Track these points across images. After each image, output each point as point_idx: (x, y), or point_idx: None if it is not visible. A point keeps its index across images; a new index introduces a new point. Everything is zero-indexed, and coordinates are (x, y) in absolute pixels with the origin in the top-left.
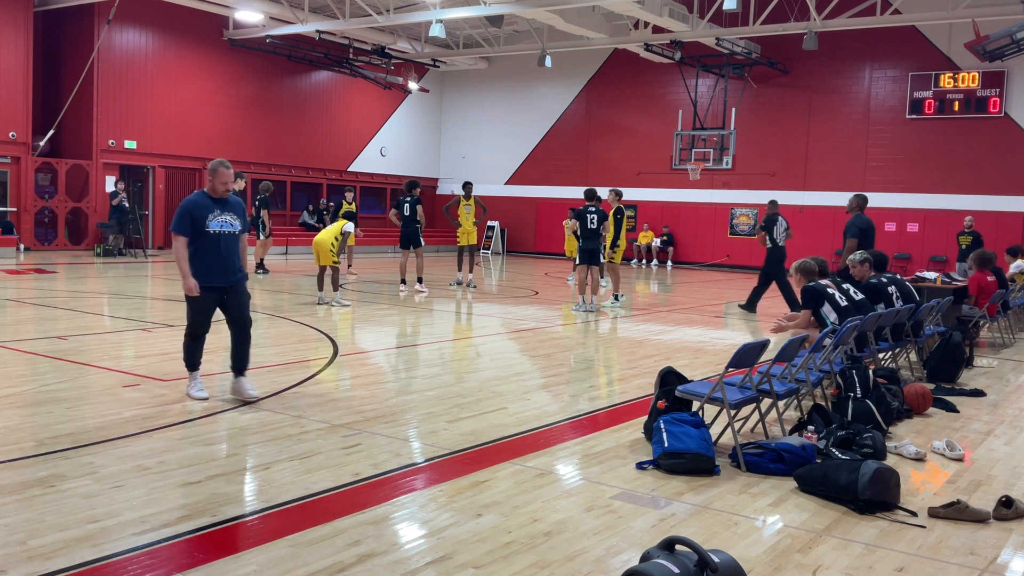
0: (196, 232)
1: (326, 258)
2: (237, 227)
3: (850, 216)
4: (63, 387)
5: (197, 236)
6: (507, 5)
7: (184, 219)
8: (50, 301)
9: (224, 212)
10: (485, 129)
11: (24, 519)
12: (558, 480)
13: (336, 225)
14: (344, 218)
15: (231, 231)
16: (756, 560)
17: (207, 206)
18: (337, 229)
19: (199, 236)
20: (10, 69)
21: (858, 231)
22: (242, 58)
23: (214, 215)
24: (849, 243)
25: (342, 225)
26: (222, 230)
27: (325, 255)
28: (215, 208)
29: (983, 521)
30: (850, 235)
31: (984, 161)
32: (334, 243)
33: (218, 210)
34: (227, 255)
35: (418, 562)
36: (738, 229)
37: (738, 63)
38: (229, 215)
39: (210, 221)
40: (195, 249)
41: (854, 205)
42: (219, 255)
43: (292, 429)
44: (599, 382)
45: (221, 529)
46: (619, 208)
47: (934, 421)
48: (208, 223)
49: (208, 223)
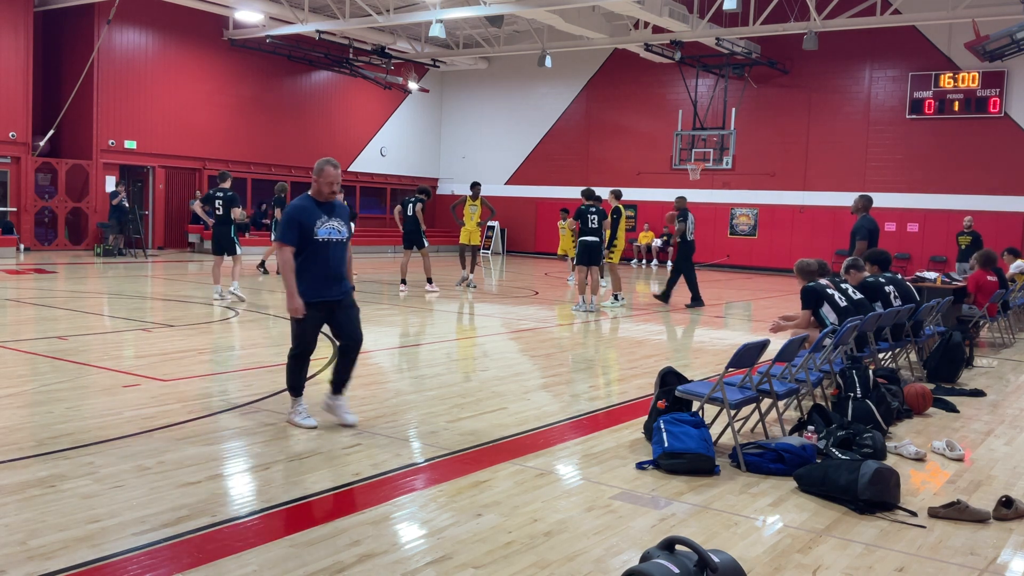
0: (303, 241)
1: None
2: (345, 234)
3: (856, 218)
4: (63, 387)
5: (304, 245)
6: (507, 5)
7: (291, 227)
8: (50, 301)
9: (332, 218)
10: (485, 129)
11: (24, 519)
12: (558, 480)
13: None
14: None
15: (339, 239)
16: (756, 560)
17: (314, 211)
18: None
19: (306, 245)
20: (10, 69)
21: (867, 233)
22: (242, 58)
23: (322, 221)
24: (859, 245)
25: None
26: (330, 238)
27: None
28: (322, 214)
29: (983, 521)
30: (860, 237)
31: (984, 161)
32: None
33: (325, 215)
34: (336, 265)
35: (418, 562)
36: (738, 229)
37: (738, 63)
38: (336, 221)
39: (318, 228)
40: (302, 260)
41: (860, 206)
42: (328, 266)
43: (292, 429)
44: (599, 382)
45: (221, 529)
46: (617, 208)
47: (934, 421)
48: (316, 230)
49: (316, 230)
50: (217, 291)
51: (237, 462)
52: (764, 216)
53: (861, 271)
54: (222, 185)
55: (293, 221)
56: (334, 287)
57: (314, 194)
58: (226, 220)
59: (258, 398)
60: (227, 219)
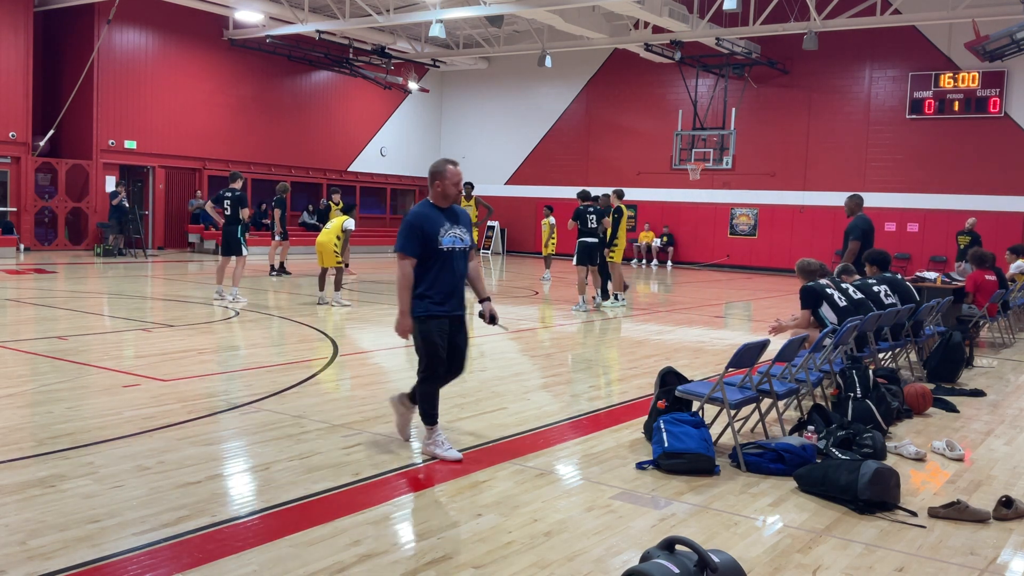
0: (427, 251)
1: (330, 259)
2: (468, 242)
3: (851, 219)
4: (63, 387)
5: (427, 256)
6: (507, 5)
7: (412, 236)
8: (50, 301)
9: (455, 225)
10: (485, 129)
11: (24, 519)
12: (558, 480)
13: (336, 224)
14: (343, 213)
15: (463, 247)
16: (756, 560)
17: (437, 218)
18: (337, 228)
19: (429, 255)
20: (10, 69)
21: (861, 233)
22: (242, 58)
23: (445, 229)
24: (852, 246)
25: (342, 222)
26: (455, 247)
27: (329, 256)
28: (445, 220)
29: (983, 521)
30: (853, 237)
31: (984, 161)
32: (336, 243)
33: (448, 223)
34: (461, 277)
35: (418, 562)
36: (738, 229)
37: (738, 63)
38: (459, 228)
39: (442, 236)
40: (423, 271)
41: (853, 207)
42: (454, 277)
43: (292, 429)
44: (599, 382)
45: (221, 529)
46: (619, 207)
47: (934, 421)
48: (440, 239)
49: (440, 239)
50: (218, 291)
51: (237, 462)
52: (764, 216)
53: (852, 275)
54: (232, 185)
55: (415, 229)
56: (458, 301)
57: (436, 199)
58: (235, 220)
59: (258, 398)
60: (236, 219)
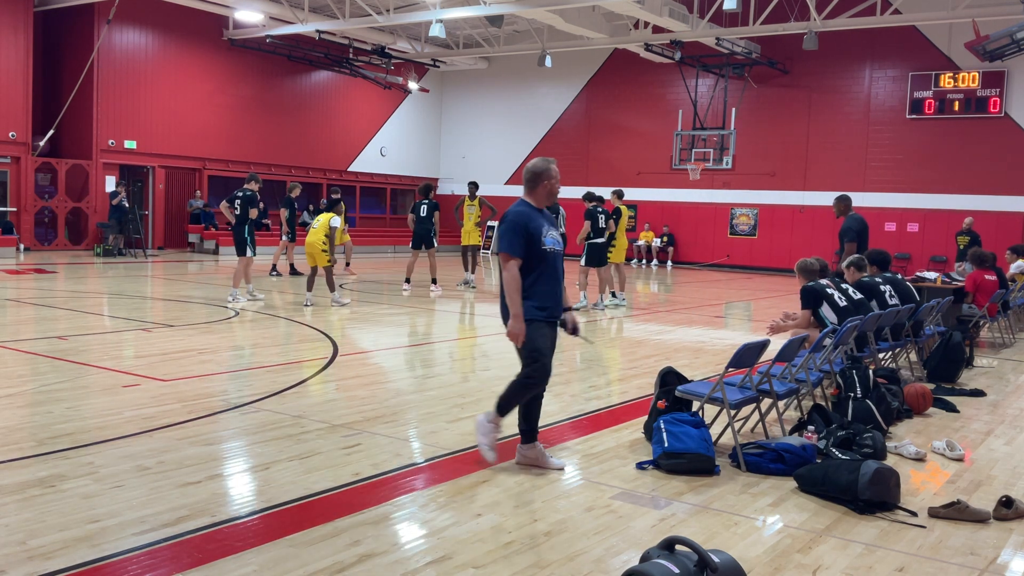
0: (530, 252)
1: (320, 259)
2: (563, 244)
3: (842, 220)
4: (63, 387)
5: (529, 256)
6: (507, 5)
7: (517, 236)
8: (50, 301)
9: (552, 227)
10: (485, 129)
11: (24, 519)
12: (558, 480)
13: (322, 223)
14: (327, 211)
15: (560, 249)
16: (756, 560)
17: (538, 219)
18: (324, 226)
19: (532, 256)
20: (10, 69)
21: (855, 234)
22: (242, 58)
23: (546, 230)
24: (848, 247)
25: (328, 219)
26: (556, 248)
27: (319, 256)
28: (544, 222)
29: (983, 521)
30: (848, 239)
31: (984, 161)
32: (324, 242)
33: (547, 224)
34: (561, 279)
35: (418, 562)
36: (738, 229)
37: (738, 63)
38: (555, 230)
39: (544, 237)
40: (525, 272)
41: (842, 208)
42: (556, 280)
43: (292, 429)
44: (599, 382)
45: (221, 529)
46: (618, 208)
47: (934, 421)
48: (543, 239)
49: (543, 239)
50: (233, 294)
51: (237, 462)
52: (764, 216)
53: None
54: (245, 185)
55: (520, 228)
56: (558, 304)
57: (535, 199)
58: (243, 220)
59: (258, 398)
60: (244, 219)
